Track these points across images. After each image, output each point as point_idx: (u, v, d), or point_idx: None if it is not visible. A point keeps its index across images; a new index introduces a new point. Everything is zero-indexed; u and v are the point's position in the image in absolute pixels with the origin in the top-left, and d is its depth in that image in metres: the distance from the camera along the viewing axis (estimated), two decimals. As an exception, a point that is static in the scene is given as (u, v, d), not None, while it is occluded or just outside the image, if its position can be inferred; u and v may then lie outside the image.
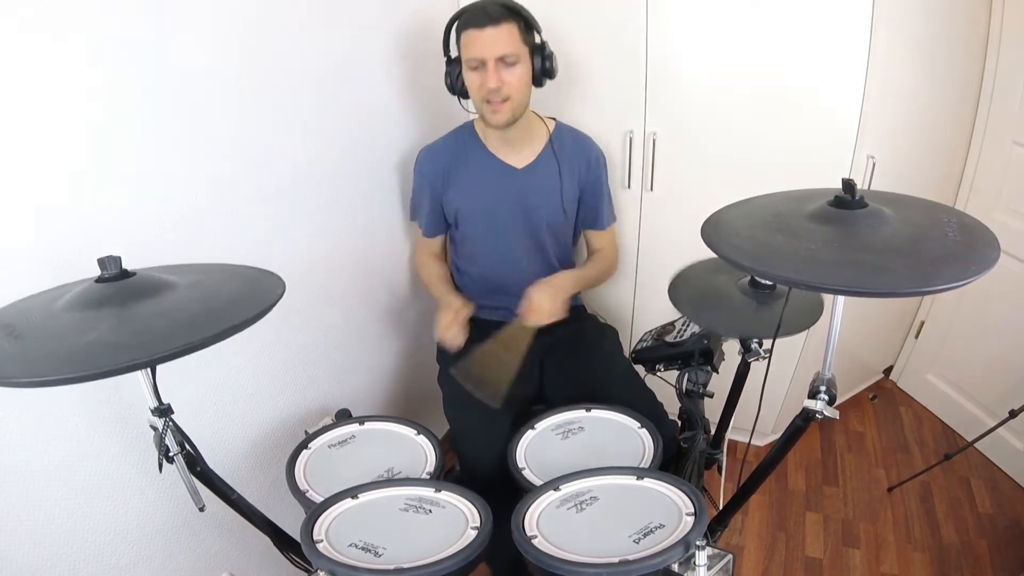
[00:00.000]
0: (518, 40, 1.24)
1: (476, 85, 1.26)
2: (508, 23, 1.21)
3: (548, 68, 1.30)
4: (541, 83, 1.32)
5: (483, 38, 1.21)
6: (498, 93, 1.24)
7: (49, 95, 0.81)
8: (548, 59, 1.29)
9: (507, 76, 1.24)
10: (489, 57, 1.21)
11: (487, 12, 1.21)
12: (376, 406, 1.66)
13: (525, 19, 1.25)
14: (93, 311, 0.68)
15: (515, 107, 1.28)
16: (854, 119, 1.37)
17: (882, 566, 1.57)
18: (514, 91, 1.26)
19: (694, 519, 0.85)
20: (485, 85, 1.24)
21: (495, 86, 1.23)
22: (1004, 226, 1.69)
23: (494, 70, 1.22)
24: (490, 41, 1.21)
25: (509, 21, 1.22)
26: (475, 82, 1.26)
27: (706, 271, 1.23)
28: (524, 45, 1.25)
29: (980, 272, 0.65)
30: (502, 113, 1.27)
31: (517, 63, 1.24)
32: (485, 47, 1.21)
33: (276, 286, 0.78)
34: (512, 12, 1.23)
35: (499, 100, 1.25)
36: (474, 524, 0.88)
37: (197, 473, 0.87)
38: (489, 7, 1.21)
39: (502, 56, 1.22)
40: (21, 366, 0.60)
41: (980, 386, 1.91)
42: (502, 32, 1.21)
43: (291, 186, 1.24)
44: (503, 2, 1.23)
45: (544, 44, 1.29)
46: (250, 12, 1.09)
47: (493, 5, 1.22)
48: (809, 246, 0.72)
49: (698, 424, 1.24)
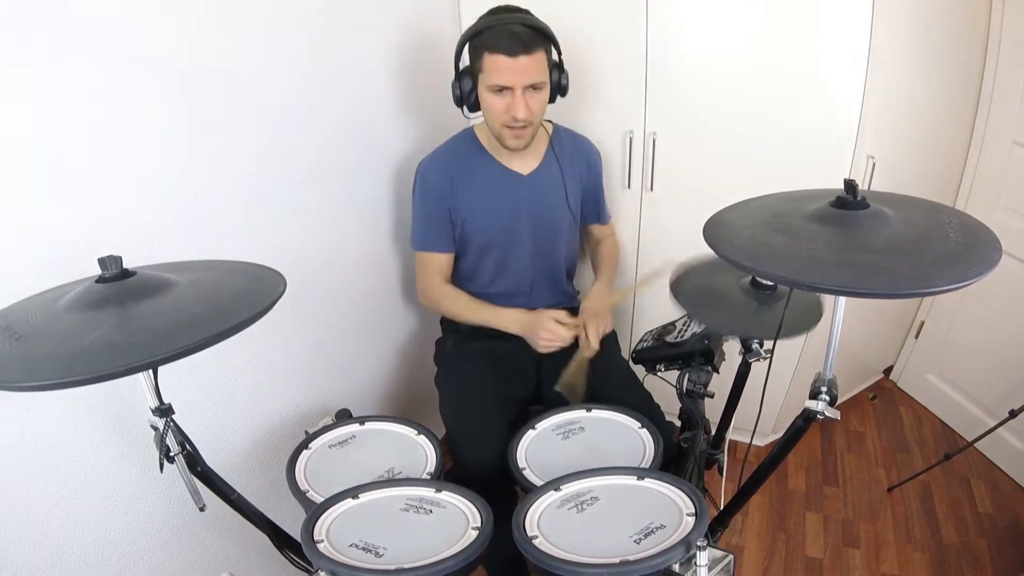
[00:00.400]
0: (546, 66, 1.21)
1: (499, 110, 1.22)
2: (539, 51, 1.17)
3: (564, 86, 1.28)
4: (554, 100, 1.30)
5: (515, 67, 1.15)
6: (525, 120, 1.22)
7: (49, 95, 0.81)
8: (565, 77, 1.27)
9: (533, 103, 1.21)
10: (518, 86, 1.18)
11: (521, 40, 1.14)
12: (376, 406, 1.66)
13: (554, 43, 1.22)
14: (94, 312, 0.67)
15: (534, 131, 1.27)
16: (854, 119, 1.37)
17: (882, 566, 1.57)
18: (536, 117, 1.24)
19: (695, 519, 0.85)
20: (510, 112, 1.20)
21: (524, 116, 1.20)
22: (1004, 226, 1.69)
23: (522, 99, 1.18)
24: (522, 71, 1.16)
25: (540, 49, 1.18)
26: (497, 106, 1.22)
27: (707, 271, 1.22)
28: (548, 69, 1.22)
29: (982, 273, 0.65)
30: (523, 139, 1.26)
31: (543, 89, 1.22)
32: (516, 76, 1.16)
33: (277, 283, 0.78)
34: (543, 37, 1.19)
35: (522, 126, 1.23)
36: (475, 524, 0.88)
37: (197, 473, 0.87)
38: (522, 34, 1.15)
39: (532, 84, 1.19)
40: (22, 370, 0.59)
41: (980, 386, 1.91)
42: (534, 61, 1.17)
43: (291, 187, 1.24)
44: (535, 26, 1.18)
45: (562, 63, 1.27)
46: (250, 14, 1.08)
47: (526, 31, 1.16)
48: (810, 246, 0.72)
49: (698, 424, 1.24)
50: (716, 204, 0.89)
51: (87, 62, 0.85)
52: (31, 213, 0.82)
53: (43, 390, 0.58)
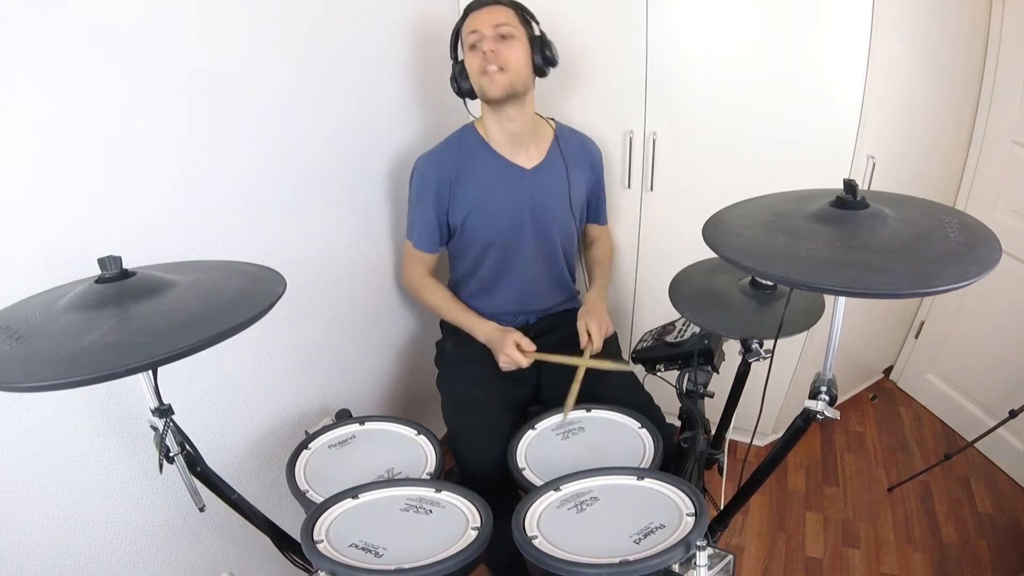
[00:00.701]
0: (515, 20, 1.29)
1: (476, 65, 1.28)
2: (505, 7, 1.29)
3: (549, 56, 1.31)
4: (544, 72, 1.33)
5: (481, 15, 1.27)
6: (495, 59, 1.26)
7: (50, 95, 0.81)
8: (548, 47, 1.31)
9: (504, 49, 1.26)
10: (486, 28, 1.26)
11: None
12: (376, 406, 1.66)
13: (522, 9, 1.31)
14: (93, 312, 0.67)
15: (513, 80, 1.28)
16: (854, 119, 1.36)
17: (882, 566, 1.57)
18: (511, 64, 1.27)
19: (695, 519, 0.85)
20: (482, 51, 1.27)
21: (490, 49, 1.25)
22: (1004, 226, 1.69)
23: (492, 40, 1.26)
24: (487, 15, 1.27)
25: (506, 6, 1.29)
26: (475, 60, 1.28)
27: (706, 271, 1.22)
28: (521, 27, 1.29)
29: (981, 273, 0.65)
30: (498, 83, 1.27)
31: (515, 39, 1.27)
32: (482, 21, 1.26)
33: (277, 283, 0.78)
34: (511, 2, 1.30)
35: (495, 69, 1.26)
36: (474, 524, 0.88)
37: (197, 473, 0.87)
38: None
39: (498, 26, 1.26)
40: (22, 371, 0.59)
41: (980, 386, 1.91)
42: (498, 10, 1.28)
43: (292, 186, 1.24)
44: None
45: (543, 34, 1.32)
46: (250, 13, 1.08)
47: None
48: (810, 246, 0.72)
49: (698, 424, 1.24)
50: (716, 204, 0.89)
51: (87, 62, 0.85)
52: (31, 213, 0.82)
53: (43, 391, 0.58)
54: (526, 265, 1.45)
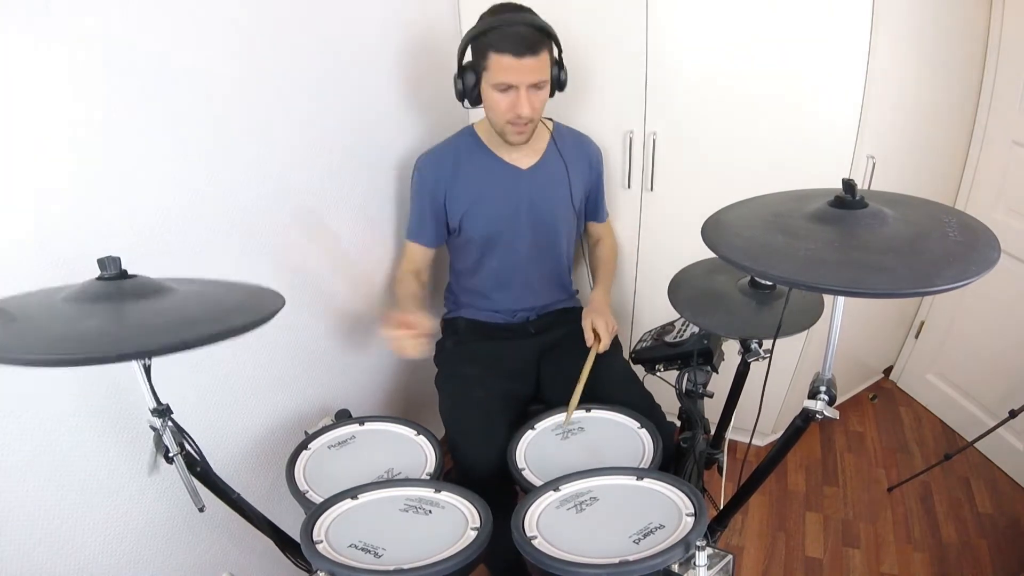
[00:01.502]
0: (548, 66, 1.23)
1: (503, 107, 1.24)
2: (544, 51, 1.20)
3: (562, 82, 1.30)
4: (553, 95, 1.32)
5: (521, 67, 1.18)
6: (528, 118, 1.24)
7: (50, 96, 0.81)
8: (564, 73, 1.30)
9: (535, 101, 1.24)
10: (523, 85, 1.20)
11: (526, 41, 1.17)
12: (376, 406, 1.66)
13: (555, 41, 1.24)
14: (90, 304, 0.67)
15: (535, 126, 1.30)
16: (854, 119, 1.36)
17: (882, 566, 1.57)
18: (538, 114, 1.27)
19: (694, 519, 0.85)
20: (514, 110, 1.23)
21: (528, 113, 1.23)
22: (1004, 226, 1.69)
23: (526, 97, 1.21)
24: (528, 70, 1.19)
25: (544, 48, 1.20)
26: (502, 104, 1.24)
27: (706, 271, 1.23)
28: (549, 71, 1.25)
29: (980, 272, 0.65)
30: (526, 134, 1.29)
31: (545, 86, 1.25)
32: (521, 76, 1.19)
33: (275, 300, 0.78)
34: (547, 37, 1.21)
35: (525, 123, 1.26)
36: (474, 525, 0.88)
37: (197, 473, 0.87)
38: (528, 35, 1.17)
39: (536, 84, 1.21)
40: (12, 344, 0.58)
41: (980, 386, 1.91)
42: (539, 61, 1.19)
43: (292, 186, 1.24)
44: (539, 26, 1.20)
45: (562, 60, 1.29)
46: (250, 15, 1.08)
47: (531, 31, 1.18)
48: (809, 246, 0.72)
49: (698, 424, 1.24)
50: (716, 204, 0.89)
51: (89, 63, 0.84)
52: (31, 217, 0.82)
53: (32, 365, 0.57)
54: (523, 264, 1.46)
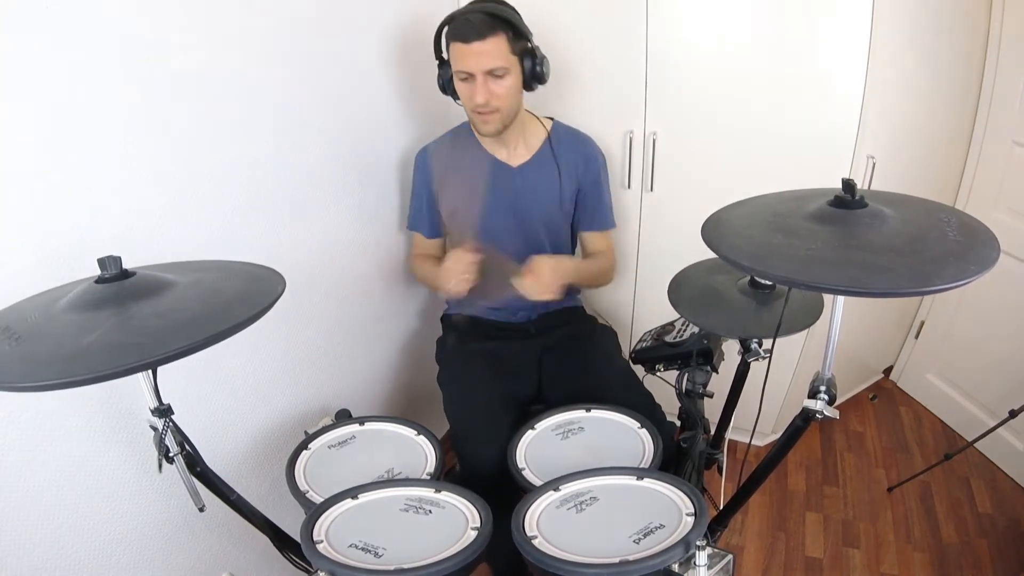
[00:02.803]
0: (506, 52, 1.21)
1: (466, 96, 1.26)
2: (495, 36, 1.18)
3: (539, 73, 1.28)
4: (532, 88, 1.31)
5: (471, 52, 1.18)
6: (487, 105, 1.24)
7: (49, 95, 0.81)
8: (539, 64, 1.27)
9: (496, 88, 1.23)
10: (477, 71, 1.20)
11: (473, 25, 1.17)
12: (376, 406, 1.66)
13: (514, 27, 1.21)
14: (93, 312, 0.67)
15: (504, 117, 1.29)
16: (854, 119, 1.37)
17: (882, 566, 1.57)
18: (503, 102, 1.25)
19: (694, 519, 0.85)
20: (473, 98, 1.23)
21: (483, 100, 1.23)
22: (1004, 226, 1.69)
23: (482, 84, 1.21)
24: (477, 56, 1.18)
25: (496, 33, 1.18)
26: (465, 93, 1.26)
27: (706, 271, 1.23)
28: (513, 55, 1.22)
29: (980, 272, 0.65)
30: (491, 124, 1.28)
31: (506, 75, 1.23)
32: (472, 62, 1.19)
33: (277, 283, 0.78)
34: (500, 22, 1.18)
35: (488, 111, 1.26)
36: (474, 524, 0.88)
37: (197, 473, 0.87)
38: (475, 19, 1.17)
39: (490, 70, 1.20)
40: (22, 371, 0.59)
41: (980, 386, 1.91)
42: (489, 46, 1.18)
43: (291, 186, 1.24)
44: (490, 11, 1.18)
45: (535, 49, 1.27)
46: (250, 12, 1.08)
47: (479, 17, 1.17)
48: (809, 246, 0.72)
49: (698, 424, 1.24)
50: (716, 204, 0.89)
51: (88, 62, 0.85)
52: (31, 213, 0.82)
53: (42, 391, 0.58)
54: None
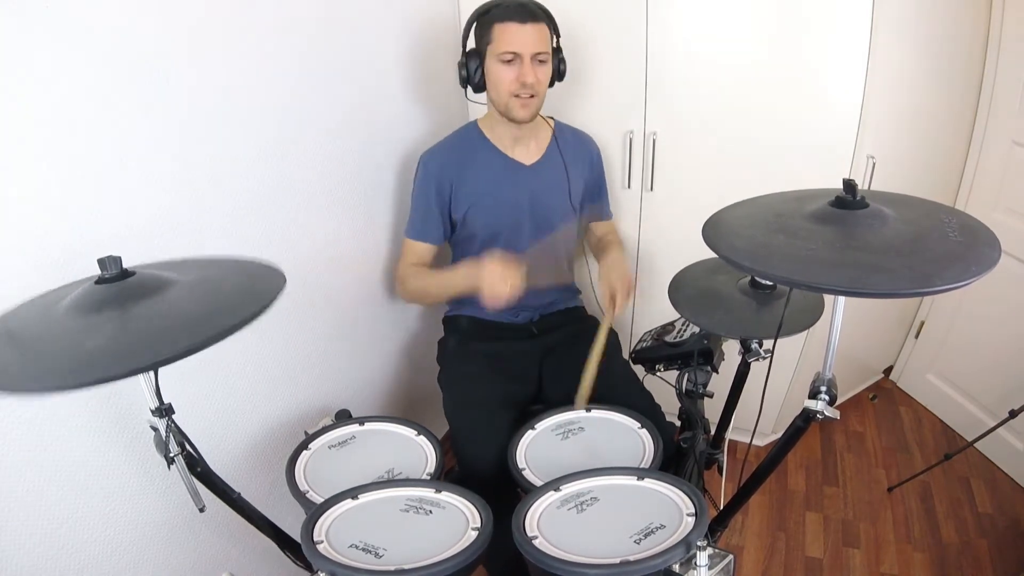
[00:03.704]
0: (548, 41, 1.28)
1: (509, 78, 1.26)
2: (543, 23, 1.25)
3: (562, 71, 1.34)
4: (552, 84, 1.34)
5: (524, 33, 1.22)
6: (532, 88, 1.26)
7: (49, 94, 0.81)
8: (563, 62, 1.33)
9: (539, 73, 1.27)
10: (527, 52, 1.23)
11: (528, 8, 1.23)
12: (376, 406, 1.66)
13: (554, 23, 1.30)
14: (93, 314, 0.67)
15: (539, 104, 1.31)
16: (854, 119, 1.37)
17: (882, 566, 1.57)
18: (541, 89, 1.29)
19: (695, 519, 0.85)
20: (520, 79, 1.25)
21: (532, 80, 1.25)
22: (1004, 226, 1.69)
23: (531, 65, 1.24)
24: (530, 37, 1.23)
25: (543, 21, 1.25)
26: (507, 76, 1.26)
27: (706, 271, 1.23)
28: (550, 46, 1.29)
29: (981, 273, 0.65)
30: (530, 107, 1.29)
31: (547, 63, 1.28)
32: (524, 43, 1.23)
33: (277, 280, 0.77)
34: (546, 14, 1.27)
35: (528, 95, 1.27)
36: (475, 525, 0.88)
37: (197, 474, 0.87)
38: (529, 4, 1.24)
39: (537, 53, 1.24)
40: (24, 374, 0.59)
41: (980, 386, 1.91)
42: (540, 30, 1.24)
43: (292, 186, 1.24)
44: (539, 3, 1.26)
45: (560, 48, 1.33)
46: (250, 13, 1.08)
47: (532, 3, 1.24)
48: (809, 246, 0.72)
49: (698, 424, 1.24)
50: (716, 204, 0.89)
51: (88, 61, 0.84)
52: (31, 212, 0.82)
53: (46, 394, 0.58)
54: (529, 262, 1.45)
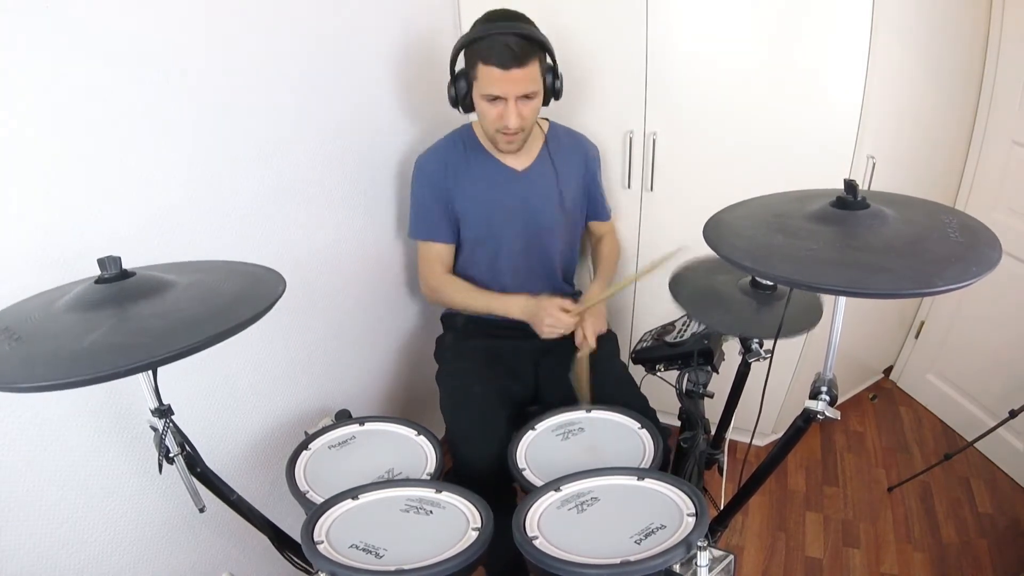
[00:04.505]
0: (539, 76, 1.21)
1: (492, 117, 1.24)
2: (532, 62, 1.18)
3: (557, 90, 1.30)
4: (546, 103, 1.31)
5: (508, 79, 1.17)
6: (518, 125, 1.24)
7: (49, 95, 0.81)
8: (559, 81, 1.28)
9: (524, 110, 1.23)
10: (511, 97, 1.20)
11: (513, 52, 1.14)
12: (376, 406, 1.66)
13: (546, 50, 1.22)
14: (93, 312, 0.67)
15: (525, 137, 1.30)
16: (854, 119, 1.36)
17: (882, 566, 1.57)
18: (529, 123, 1.26)
19: (695, 520, 0.85)
20: (503, 121, 1.23)
21: (515, 125, 1.22)
22: (1004, 226, 1.69)
23: (515, 108, 1.21)
24: (514, 84, 1.18)
25: (533, 60, 1.18)
26: (491, 114, 1.24)
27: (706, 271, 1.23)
28: (540, 76, 1.23)
29: (981, 273, 0.65)
30: (515, 143, 1.29)
31: (536, 96, 1.24)
32: (508, 87, 1.18)
33: (277, 283, 0.78)
34: (536, 46, 1.18)
35: (512, 133, 1.26)
36: (475, 525, 0.88)
37: (197, 474, 0.87)
38: (515, 46, 1.15)
39: (526, 95, 1.21)
40: (22, 372, 0.59)
41: (980, 386, 1.91)
42: (526, 72, 1.17)
43: (291, 187, 1.24)
44: (528, 35, 1.16)
45: (555, 67, 1.27)
46: (251, 13, 1.08)
47: (519, 43, 1.15)
48: (810, 246, 0.72)
49: (698, 424, 1.24)
50: (716, 204, 0.89)
51: (88, 61, 0.84)
52: (30, 212, 0.82)
53: (43, 391, 0.58)
54: (516, 266, 1.46)
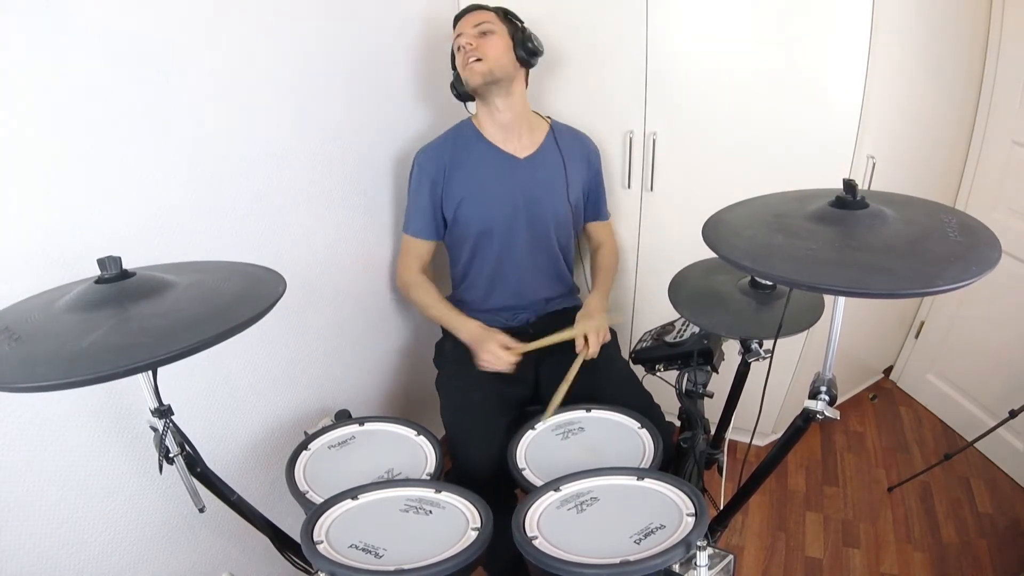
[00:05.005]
0: (495, 19, 1.36)
1: (460, 59, 1.36)
2: (485, 10, 1.36)
3: (532, 48, 1.36)
4: (530, 63, 1.38)
5: (465, 19, 1.35)
6: (474, 52, 1.31)
7: (49, 95, 0.81)
8: (530, 39, 1.36)
9: (483, 43, 1.32)
10: (466, 29, 1.34)
11: (467, 9, 1.37)
12: (376, 407, 1.66)
13: (503, 10, 1.38)
14: (93, 312, 0.67)
15: (492, 67, 1.33)
16: (854, 119, 1.36)
17: (882, 566, 1.57)
18: (489, 53, 1.32)
19: (695, 519, 0.85)
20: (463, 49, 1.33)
21: (468, 43, 1.32)
22: (1004, 226, 1.69)
23: (471, 36, 1.33)
24: (469, 19, 1.35)
25: (486, 9, 1.37)
26: (459, 58, 1.36)
27: (706, 271, 1.23)
28: (502, 24, 1.35)
29: (981, 273, 0.65)
30: (476, 72, 1.33)
31: (494, 34, 1.33)
32: (464, 24, 1.35)
33: (277, 283, 0.78)
34: (491, 7, 1.37)
35: (474, 60, 1.32)
36: (475, 525, 0.88)
37: (197, 474, 0.87)
38: (468, 5, 1.38)
39: (477, 25, 1.33)
40: (22, 371, 0.59)
41: (980, 386, 1.91)
42: (479, 12, 1.36)
43: (293, 187, 1.24)
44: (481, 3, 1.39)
45: (525, 28, 1.37)
46: (251, 14, 1.08)
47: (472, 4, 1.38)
48: (810, 246, 0.72)
49: (698, 424, 1.24)
50: (716, 204, 0.89)
51: (88, 61, 0.84)
52: (30, 212, 0.82)
53: (43, 391, 0.58)
54: (520, 256, 1.45)
